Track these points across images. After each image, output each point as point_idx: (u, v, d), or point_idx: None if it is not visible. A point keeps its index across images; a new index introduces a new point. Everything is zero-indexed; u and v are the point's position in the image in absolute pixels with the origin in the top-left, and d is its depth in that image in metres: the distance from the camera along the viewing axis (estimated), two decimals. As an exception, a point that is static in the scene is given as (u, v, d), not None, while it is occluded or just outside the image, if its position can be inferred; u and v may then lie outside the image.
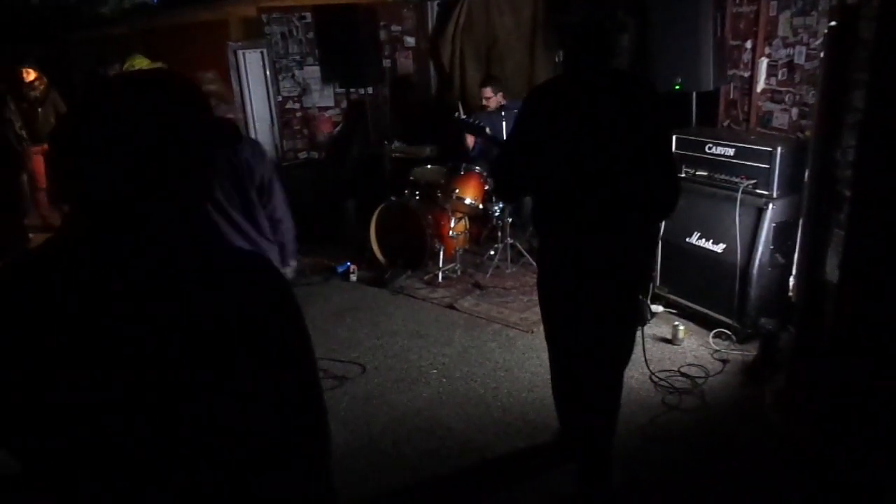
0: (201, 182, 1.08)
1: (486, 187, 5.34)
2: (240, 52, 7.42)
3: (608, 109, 2.46)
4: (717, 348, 3.96)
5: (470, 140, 5.88)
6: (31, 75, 6.91)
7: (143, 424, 1.00)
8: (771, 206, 3.77)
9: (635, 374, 3.64)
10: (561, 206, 2.58)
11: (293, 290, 1.12)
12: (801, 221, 3.65)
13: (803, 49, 3.97)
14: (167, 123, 1.01)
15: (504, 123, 5.24)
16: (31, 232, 6.33)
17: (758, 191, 3.83)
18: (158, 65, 4.85)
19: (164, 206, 1.02)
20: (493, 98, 5.66)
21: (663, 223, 4.24)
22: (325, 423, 1.19)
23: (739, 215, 3.81)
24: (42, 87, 6.97)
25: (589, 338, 2.67)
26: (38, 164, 6.83)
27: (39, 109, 6.82)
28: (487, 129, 4.81)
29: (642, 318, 4.03)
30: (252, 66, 7.49)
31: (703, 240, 4.12)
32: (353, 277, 5.41)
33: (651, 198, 2.50)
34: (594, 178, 2.47)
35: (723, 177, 4.01)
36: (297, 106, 7.46)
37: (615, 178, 2.46)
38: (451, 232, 5.29)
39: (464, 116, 5.59)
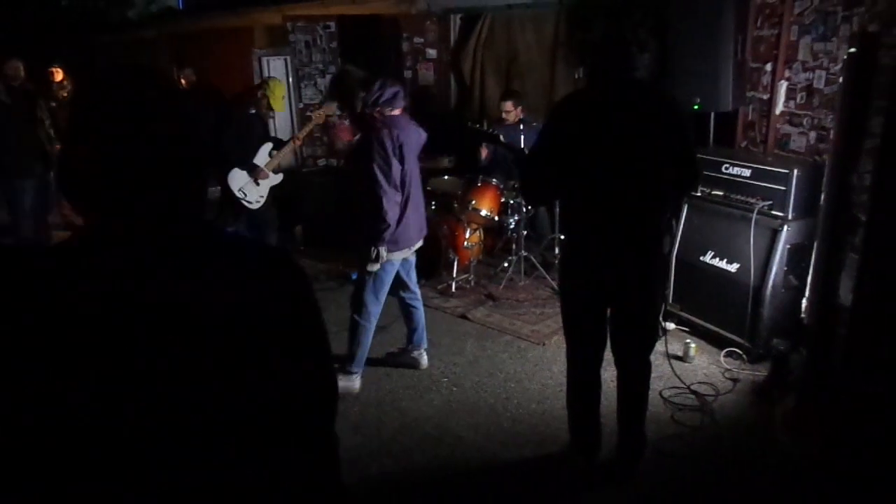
0: (204, 171, 1.09)
1: (503, 199, 5.38)
2: (264, 59, 7.54)
3: (630, 118, 2.60)
4: (729, 367, 3.97)
5: (483, 152, 5.94)
6: (59, 75, 7.05)
7: (159, 414, 1.01)
8: (786, 227, 3.79)
9: (645, 389, 3.66)
10: (585, 203, 2.74)
11: (311, 281, 1.15)
12: (815, 244, 3.67)
13: (823, 74, 3.99)
14: (170, 114, 1.03)
15: (522, 136, 5.29)
16: (54, 230, 6.44)
17: (773, 212, 3.85)
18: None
19: (178, 196, 1.03)
20: (513, 112, 5.71)
21: (677, 241, 4.29)
22: (334, 407, 1.21)
23: (754, 236, 3.83)
24: (70, 88, 7.11)
25: (614, 324, 2.89)
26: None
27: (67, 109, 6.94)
28: (501, 137, 4.87)
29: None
30: (276, 72, 7.60)
31: (717, 259, 4.14)
32: (368, 284, 5.44)
33: (675, 188, 2.75)
34: (615, 179, 2.63)
35: (739, 197, 4.04)
36: (317, 113, 7.55)
37: (635, 180, 2.63)
38: (465, 242, 5.34)
39: (478, 126, 5.67)
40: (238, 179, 5.08)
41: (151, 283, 1.00)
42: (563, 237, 3.09)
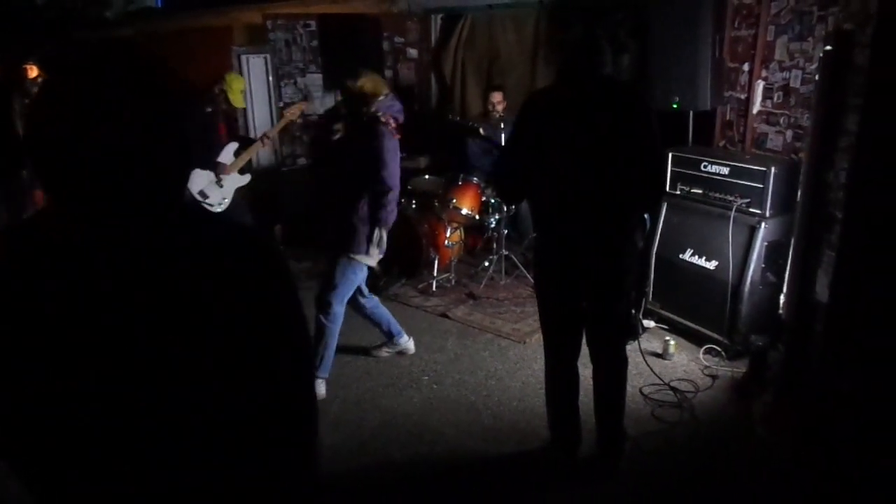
0: (182, 151, 1.03)
1: (483, 198, 5.38)
2: (243, 57, 7.46)
3: (598, 114, 2.62)
4: (707, 364, 3.99)
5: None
6: (34, 71, 6.94)
7: (136, 397, 0.99)
8: (763, 225, 3.82)
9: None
10: (553, 198, 2.74)
11: (286, 260, 1.13)
12: (792, 241, 3.71)
13: (799, 73, 4.04)
14: (145, 92, 0.97)
15: (503, 135, 5.30)
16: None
17: (751, 210, 3.88)
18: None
19: (149, 177, 0.97)
20: (501, 103, 5.76)
21: (657, 239, 4.32)
22: (314, 397, 1.23)
23: (732, 233, 3.86)
24: (45, 85, 7.00)
25: (587, 318, 2.91)
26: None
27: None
28: (481, 130, 4.88)
29: (634, 331, 4.07)
30: (255, 71, 7.53)
31: (696, 256, 4.17)
32: (348, 283, 5.41)
33: (637, 191, 2.71)
34: (584, 174, 2.65)
35: (717, 195, 4.07)
36: (298, 112, 7.50)
37: (604, 175, 2.64)
38: (446, 241, 5.33)
39: (458, 119, 5.69)
40: (198, 181, 4.76)
41: (151, 282, 0.97)
42: (534, 232, 3.12)
